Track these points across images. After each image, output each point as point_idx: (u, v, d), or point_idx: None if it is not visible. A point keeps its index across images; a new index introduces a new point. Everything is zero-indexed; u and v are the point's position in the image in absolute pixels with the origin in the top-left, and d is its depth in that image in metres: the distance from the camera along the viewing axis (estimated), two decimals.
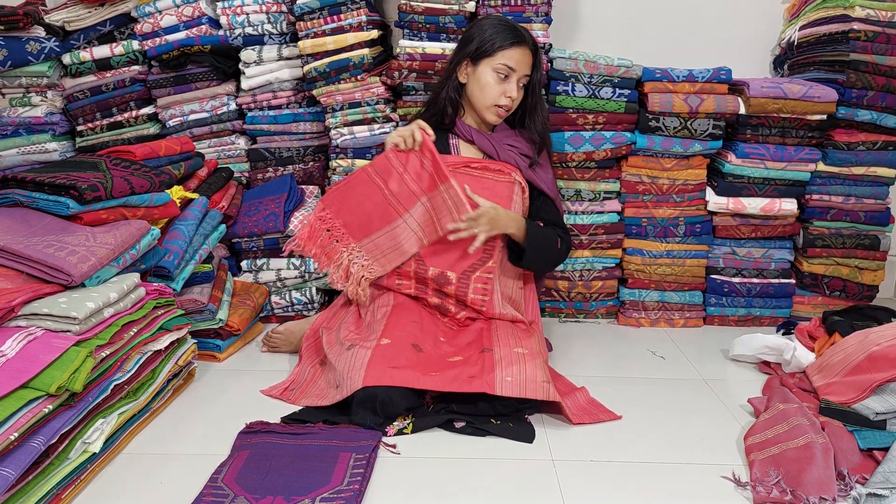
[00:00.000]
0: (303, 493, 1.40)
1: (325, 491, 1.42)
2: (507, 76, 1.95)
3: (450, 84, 2.03)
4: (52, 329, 1.46)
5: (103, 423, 1.53)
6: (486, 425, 1.70)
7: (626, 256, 2.46)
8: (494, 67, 1.95)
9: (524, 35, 1.98)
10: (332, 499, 1.39)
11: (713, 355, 2.22)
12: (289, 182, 2.42)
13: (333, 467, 1.49)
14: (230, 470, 1.49)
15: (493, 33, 1.95)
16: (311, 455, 1.54)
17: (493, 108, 1.99)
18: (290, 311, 2.42)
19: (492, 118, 2.01)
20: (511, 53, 1.94)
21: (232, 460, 1.53)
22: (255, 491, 1.41)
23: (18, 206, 1.77)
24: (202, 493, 1.42)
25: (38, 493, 1.34)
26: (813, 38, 2.44)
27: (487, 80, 1.96)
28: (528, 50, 1.97)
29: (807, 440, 1.55)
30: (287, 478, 1.46)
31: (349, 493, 1.41)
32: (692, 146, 2.35)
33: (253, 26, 2.37)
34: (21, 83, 2.40)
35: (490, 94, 1.97)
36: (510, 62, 1.94)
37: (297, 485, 1.43)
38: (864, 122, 2.35)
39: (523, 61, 1.96)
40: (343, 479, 1.45)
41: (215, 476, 1.47)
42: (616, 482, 1.53)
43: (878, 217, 2.43)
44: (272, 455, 1.54)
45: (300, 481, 1.44)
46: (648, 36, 2.66)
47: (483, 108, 2.00)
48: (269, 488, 1.42)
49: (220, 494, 1.41)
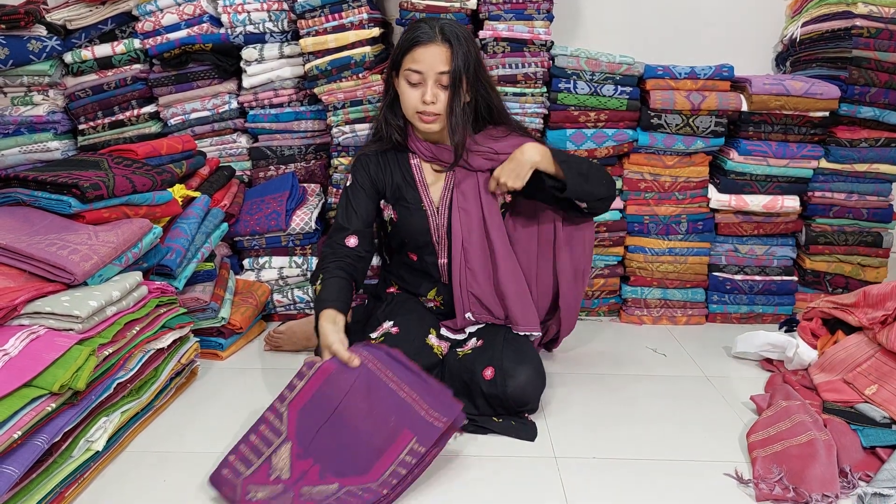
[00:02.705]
0: (339, 475, 1.41)
1: (356, 483, 1.40)
2: (420, 81, 1.76)
3: (387, 101, 1.89)
4: (55, 327, 1.47)
5: (106, 422, 1.53)
6: (488, 423, 1.71)
7: (629, 254, 2.46)
8: (404, 74, 1.78)
9: (428, 31, 1.75)
10: (356, 494, 1.38)
11: (715, 353, 2.22)
12: (290, 180, 2.42)
13: (385, 450, 1.43)
14: (301, 393, 1.49)
15: (401, 38, 1.80)
16: (377, 415, 1.46)
17: (417, 117, 1.80)
18: (293, 310, 2.42)
19: (423, 128, 1.82)
20: (414, 56, 1.75)
21: (311, 376, 1.49)
22: (303, 442, 1.44)
23: (21, 205, 1.77)
24: (263, 417, 1.48)
25: (41, 491, 1.34)
26: (815, 35, 2.44)
27: (403, 91, 1.79)
28: (439, 45, 1.74)
29: (809, 437, 1.55)
30: (339, 443, 1.44)
31: (371, 496, 1.37)
32: (694, 143, 2.35)
33: (254, 24, 2.37)
34: (23, 82, 2.40)
35: (409, 103, 1.79)
36: (414, 65, 1.75)
37: (341, 460, 1.43)
38: (867, 119, 2.34)
39: (432, 59, 1.74)
40: (381, 476, 1.41)
41: (284, 394, 1.48)
42: (618, 479, 1.54)
43: (881, 214, 2.43)
44: (348, 391, 1.48)
45: (347, 455, 1.43)
46: (650, 33, 2.66)
47: (410, 118, 1.83)
48: (315, 448, 1.44)
49: (276, 429, 1.46)
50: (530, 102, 2.32)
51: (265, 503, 1.37)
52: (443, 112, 1.79)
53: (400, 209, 1.91)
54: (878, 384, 1.76)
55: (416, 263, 1.97)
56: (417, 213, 1.89)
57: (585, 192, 1.82)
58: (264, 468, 1.44)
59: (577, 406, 1.85)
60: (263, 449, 1.46)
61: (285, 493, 1.39)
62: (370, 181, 1.90)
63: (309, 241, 2.37)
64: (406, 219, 1.90)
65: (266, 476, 1.42)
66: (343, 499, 1.38)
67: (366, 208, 1.89)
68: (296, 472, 1.43)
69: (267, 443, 1.47)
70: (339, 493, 1.39)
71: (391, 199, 1.92)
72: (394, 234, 1.96)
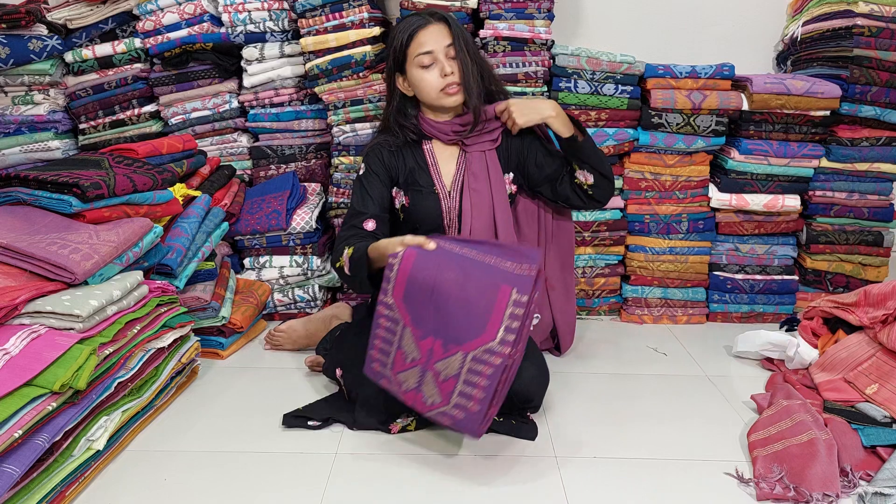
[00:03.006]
0: (458, 343, 1.47)
1: (478, 346, 1.45)
2: (432, 61, 1.85)
3: (393, 106, 1.96)
4: (56, 327, 1.47)
5: (107, 421, 1.53)
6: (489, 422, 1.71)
7: (629, 253, 2.46)
8: (416, 63, 1.85)
9: (422, 15, 1.88)
10: (483, 360, 1.44)
11: (716, 352, 2.22)
12: (291, 180, 2.42)
13: (490, 312, 1.46)
14: (396, 284, 1.53)
15: (396, 38, 1.88)
16: (472, 281, 1.49)
17: (444, 94, 1.87)
18: (293, 309, 2.42)
19: (449, 102, 1.88)
20: (419, 41, 1.84)
21: (396, 270, 1.53)
22: (418, 324, 1.51)
23: (21, 205, 1.77)
24: (378, 313, 1.55)
25: (42, 490, 1.34)
26: (816, 34, 2.43)
27: (421, 77, 1.86)
28: (436, 24, 1.86)
29: (810, 436, 1.55)
30: (446, 316, 1.48)
31: (500, 360, 1.43)
32: (695, 143, 2.35)
33: (255, 24, 2.37)
34: (23, 81, 2.40)
35: (431, 86, 1.86)
36: (423, 48, 1.84)
37: (454, 329, 1.48)
38: (868, 118, 2.34)
39: (435, 37, 1.85)
40: (497, 332, 1.44)
41: (385, 287, 1.54)
42: (619, 479, 1.54)
43: (882, 213, 2.42)
44: (437, 268, 1.51)
45: (457, 324, 1.47)
46: (651, 32, 2.66)
47: (436, 101, 1.89)
48: (430, 326, 1.50)
49: (393, 318, 1.54)
50: None
51: (417, 388, 1.51)
52: (461, 80, 1.86)
53: (412, 193, 1.95)
54: (878, 383, 1.76)
55: None
56: (430, 197, 1.94)
57: (597, 159, 1.89)
58: (399, 355, 1.54)
59: (577, 405, 1.85)
60: (391, 338, 1.56)
61: (424, 373, 1.50)
62: (384, 168, 1.95)
63: (309, 241, 2.37)
64: (419, 203, 1.94)
65: (404, 362, 1.53)
66: (473, 368, 1.45)
67: (381, 194, 1.93)
68: (423, 352, 1.51)
69: (391, 332, 1.55)
70: (467, 362, 1.45)
71: (403, 185, 1.96)
72: (405, 220, 1.99)
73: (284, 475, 1.53)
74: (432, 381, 1.49)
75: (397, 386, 1.55)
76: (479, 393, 1.44)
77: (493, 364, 1.43)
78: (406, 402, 1.55)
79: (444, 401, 1.48)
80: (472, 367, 1.45)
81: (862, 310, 1.94)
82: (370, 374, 1.61)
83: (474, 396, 1.45)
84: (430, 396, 1.50)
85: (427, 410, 1.52)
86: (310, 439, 1.68)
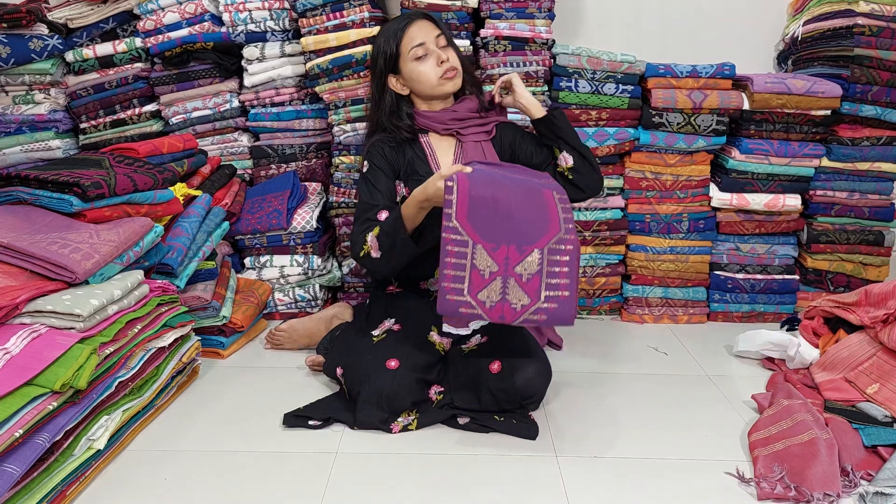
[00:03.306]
0: (531, 242, 1.56)
1: (550, 239, 1.57)
2: (426, 52, 1.93)
3: (386, 107, 2.00)
4: (57, 326, 1.47)
5: (107, 420, 1.53)
6: (490, 421, 1.71)
7: (630, 253, 2.46)
8: (411, 56, 1.93)
9: (403, 17, 1.98)
10: (558, 249, 1.56)
11: (717, 351, 2.22)
12: (292, 179, 2.42)
13: (547, 210, 1.60)
14: (458, 206, 1.57)
15: (384, 40, 1.96)
16: (521, 189, 1.63)
17: (443, 80, 1.95)
18: (294, 308, 2.42)
19: (450, 87, 1.97)
20: (410, 35, 1.93)
21: (455, 193, 1.57)
22: (488, 238, 1.56)
23: (22, 204, 1.77)
24: (445, 241, 1.55)
25: (42, 489, 1.34)
26: (817, 33, 2.43)
27: (418, 70, 1.94)
28: (420, 20, 1.96)
29: (811, 436, 1.55)
30: (512, 222, 1.57)
31: (571, 246, 1.56)
32: (696, 142, 2.34)
33: (255, 23, 2.37)
34: (24, 81, 2.40)
35: (430, 76, 1.94)
36: (415, 41, 1.93)
37: (522, 231, 1.57)
38: (869, 118, 2.34)
39: (424, 31, 1.94)
40: (560, 224, 1.58)
41: (448, 213, 1.56)
42: (619, 478, 1.53)
43: (883, 213, 2.42)
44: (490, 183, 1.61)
45: (524, 227, 1.57)
46: (652, 31, 2.65)
47: (436, 89, 1.96)
48: (500, 236, 1.57)
49: (461, 241, 1.56)
50: None
51: (502, 300, 1.55)
52: (458, 66, 1.97)
53: (412, 184, 1.95)
54: (879, 383, 1.76)
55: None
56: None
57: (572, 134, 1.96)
58: (475, 275, 1.56)
59: (578, 405, 1.85)
60: (463, 261, 1.57)
61: (506, 281, 1.55)
62: (387, 162, 1.98)
63: (310, 240, 2.37)
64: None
65: (482, 279, 1.56)
66: (552, 259, 1.56)
67: (388, 186, 1.96)
68: (499, 261, 1.56)
69: (461, 256, 1.57)
70: (545, 255, 1.56)
71: (404, 177, 1.99)
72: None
73: (285, 475, 1.53)
74: (516, 286, 1.56)
75: (480, 306, 1.56)
76: (564, 280, 1.55)
77: (567, 251, 1.56)
78: (493, 320, 1.57)
79: (535, 298, 1.55)
80: (551, 259, 1.56)
81: (863, 309, 1.94)
82: (446, 309, 1.58)
83: (561, 285, 1.55)
84: (517, 301, 1.56)
85: (518, 316, 1.56)
86: (310, 439, 1.68)
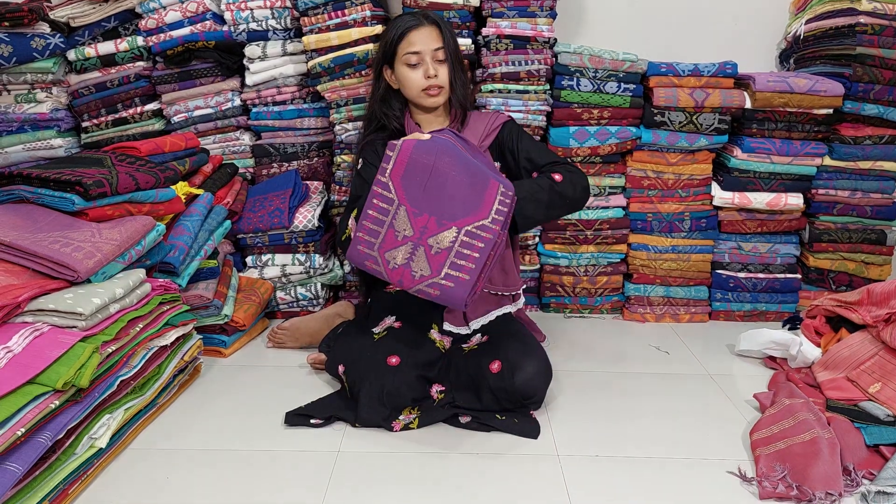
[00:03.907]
0: (452, 219, 1.59)
1: (472, 222, 1.59)
2: (419, 61, 1.95)
3: (377, 96, 2.05)
4: (59, 325, 1.47)
5: (109, 419, 1.54)
6: (492, 420, 1.71)
7: (632, 251, 2.46)
8: (403, 60, 1.96)
9: (417, 16, 1.97)
10: (476, 234, 1.58)
11: (719, 350, 2.22)
12: (293, 178, 2.42)
13: (483, 196, 1.60)
14: (396, 164, 1.62)
15: (390, 32, 1.98)
16: (467, 168, 1.62)
17: (424, 94, 1.98)
18: (295, 307, 2.42)
19: (429, 103, 2.00)
20: (409, 40, 1.94)
21: (397, 151, 1.63)
22: (414, 203, 1.61)
23: (24, 203, 1.77)
24: (372, 194, 1.61)
25: (45, 488, 1.35)
26: (819, 32, 2.43)
27: (406, 75, 1.97)
28: (428, 26, 1.96)
29: (813, 435, 1.55)
30: (442, 195, 1.60)
31: (490, 236, 1.57)
32: (698, 141, 2.34)
33: (257, 22, 2.37)
34: (26, 79, 2.40)
35: (412, 83, 1.97)
36: (411, 48, 1.94)
37: (449, 207, 1.60)
38: (871, 117, 2.33)
39: (425, 39, 1.95)
40: (490, 212, 1.59)
41: (384, 167, 1.62)
42: (621, 477, 1.53)
43: (885, 211, 2.42)
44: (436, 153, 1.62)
45: (452, 203, 1.60)
46: (653, 30, 2.65)
47: (417, 98, 2.00)
48: (425, 204, 1.60)
49: (387, 199, 1.62)
50: (533, 100, 2.32)
51: (405, 264, 1.59)
52: (445, 84, 1.98)
53: None
54: (881, 382, 1.76)
55: None
56: None
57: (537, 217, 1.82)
58: (390, 234, 1.61)
59: (579, 404, 1.85)
60: (383, 218, 1.62)
61: (416, 248, 1.59)
62: (380, 159, 1.95)
63: (312, 239, 2.37)
64: None
65: (395, 239, 1.61)
66: (466, 242, 1.58)
67: None
68: (416, 227, 1.60)
69: (384, 212, 1.62)
70: (460, 236, 1.58)
71: None
72: None
73: (287, 473, 1.53)
74: (423, 256, 1.59)
75: (384, 265, 1.61)
76: (470, 264, 1.57)
77: (484, 238, 1.57)
78: (391, 280, 1.62)
79: (435, 273, 1.58)
80: (465, 241, 1.58)
81: (865, 308, 1.94)
82: (353, 258, 1.65)
83: (464, 267, 1.57)
84: (419, 270, 1.59)
85: (414, 284, 1.59)
86: (312, 438, 1.68)
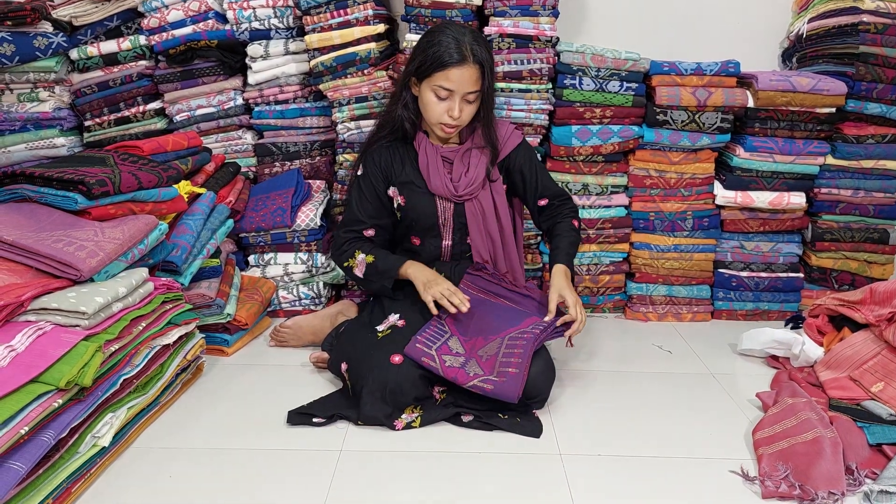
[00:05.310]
0: (496, 333, 1.81)
1: (514, 331, 1.80)
2: (448, 96, 1.88)
3: (402, 100, 1.98)
4: (62, 324, 1.47)
5: (112, 418, 1.54)
6: (494, 420, 1.71)
7: (634, 251, 2.46)
8: (433, 88, 1.88)
9: (464, 54, 1.84)
10: (519, 337, 1.77)
11: (721, 350, 2.22)
12: (296, 177, 2.42)
13: (521, 321, 1.85)
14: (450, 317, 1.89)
15: (431, 53, 1.86)
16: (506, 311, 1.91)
17: (439, 126, 1.93)
18: (298, 306, 2.42)
19: (440, 134, 1.97)
20: (448, 74, 1.85)
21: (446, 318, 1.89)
22: (464, 333, 1.86)
23: (27, 202, 1.77)
24: (428, 324, 1.85)
25: (48, 486, 1.35)
26: (822, 31, 2.42)
27: (430, 99, 1.90)
28: (471, 66, 1.85)
29: (815, 434, 1.54)
30: (489, 326, 1.85)
31: (531, 335, 1.75)
32: (700, 140, 2.34)
33: (259, 21, 2.37)
34: (29, 78, 2.40)
35: (433, 112, 1.91)
36: (446, 84, 1.86)
37: (493, 327, 1.84)
38: (874, 115, 2.33)
39: (464, 80, 1.86)
40: (528, 329, 1.80)
41: (440, 315, 1.88)
42: (623, 476, 1.53)
43: (888, 211, 2.42)
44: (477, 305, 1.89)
45: (497, 325, 1.84)
46: (656, 29, 2.65)
47: (431, 124, 1.96)
48: (474, 331, 1.85)
49: (441, 331, 1.84)
50: (535, 99, 2.32)
51: (457, 368, 1.72)
52: (465, 123, 1.96)
53: (407, 193, 2.01)
54: (884, 381, 1.76)
55: (418, 248, 2.06)
56: (425, 196, 2.00)
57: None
58: (445, 348, 1.79)
59: (582, 403, 1.85)
60: (440, 338, 1.82)
61: (468, 360, 1.76)
62: (381, 170, 2.02)
63: (314, 238, 2.37)
64: (413, 202, 2.01)
65: (449, 351, 1.78)
66: (510, 343, 1.75)
67: (377, 198, 2.04)
68: (467, 348, 1.81)
69: (440, 334, 1.84)
70: (504, 342, 1.77)
71: (398, 184, 2.01)
72: (403, 219, 2.05)
73: (289, 472, 1.54)
74: (475, 363, 1.75)
75: (441, 364, 1.73)
76: (517, 359, 1.70)
77: (525, 338, 1.75)
78: (446, 377, 1.72)
79: (488, 372, 1.71)
80: (510, 343, 1.75)
81: (868, 307, 1.93)
82: (412, 352, 1.75)
83: (513, 363, 1.69)
84: (473, 371, 1.72)
85: (469, 381, 1.69)
86: (314, 436, 1.68)
